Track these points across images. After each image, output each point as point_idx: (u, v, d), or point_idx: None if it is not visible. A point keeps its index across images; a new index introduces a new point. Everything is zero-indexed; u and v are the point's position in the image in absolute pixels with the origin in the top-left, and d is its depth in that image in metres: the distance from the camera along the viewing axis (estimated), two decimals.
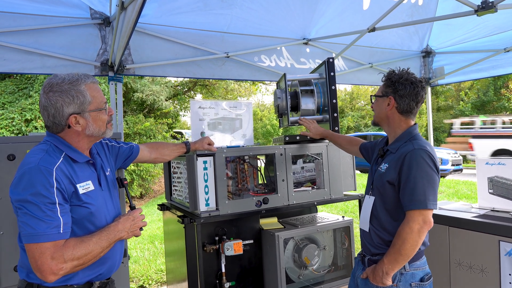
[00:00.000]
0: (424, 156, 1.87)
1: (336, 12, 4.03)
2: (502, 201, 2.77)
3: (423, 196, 1.82)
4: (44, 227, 1.44)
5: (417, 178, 1.84)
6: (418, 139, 1.98)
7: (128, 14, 2.38)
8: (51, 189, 1.47)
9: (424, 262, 1.98)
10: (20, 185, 1.47)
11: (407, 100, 2.00)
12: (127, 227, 1.70)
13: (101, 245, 1.58)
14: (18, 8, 2.98)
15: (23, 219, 1.45)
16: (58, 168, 1.53)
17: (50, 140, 1.63)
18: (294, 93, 2.97)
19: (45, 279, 1.45)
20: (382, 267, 1.90)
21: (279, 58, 4.23)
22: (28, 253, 1.46)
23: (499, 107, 22.45)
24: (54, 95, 1.57)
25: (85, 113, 1.62)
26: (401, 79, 2.01)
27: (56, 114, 1.58)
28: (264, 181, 3.04)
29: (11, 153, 2.26)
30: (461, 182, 11.61)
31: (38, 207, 1.44)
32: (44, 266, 1.43)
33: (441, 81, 5.26)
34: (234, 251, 2.58)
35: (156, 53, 3.61)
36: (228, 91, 19.95)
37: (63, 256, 1.45)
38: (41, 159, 1.51)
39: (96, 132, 1.68)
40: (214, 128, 2.82)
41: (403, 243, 1.83)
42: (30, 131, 10.01)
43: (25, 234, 1.44)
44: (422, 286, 1.93)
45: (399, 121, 2.06)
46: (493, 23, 4.22)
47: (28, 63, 3.10)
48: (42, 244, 1.43)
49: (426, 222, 1.83)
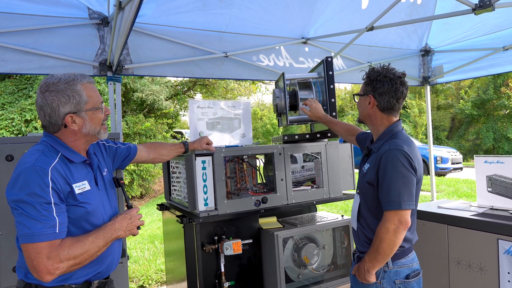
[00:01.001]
0: (399, 156, 1.86)
1: (334, 11, 4.03)
2: (501, 200, 2.77)
3: (398, 197, 1.83)
4: (40, 227, 1.44)
5: (392, 178, 1.85)
6: (397, 137, 1.97)
7: (126, 14, 2.38)
8: (47, 189, 1.47)
9: (411, 259, 1.99)
10: (16, 185, 1.47)
11: (386, 97, 2.00)
12: (124, 226, 1.69)
13: (97, 244, 1.57)
14: (16, 9, 2.98)
15: (19, 219, 1.45)
16: (54, 168, 1.53)
17: (47, 141, 1.63)
18: (293, 92, 2.97)
19: (42, 278, 1.45)
20: (364, 265, 1.95)
21: (278, 57, 4.23)
22: (24, 253, 1.46)
23: (499, 105, 22.43)
24: (50, 95, 1.57)
25: (81, 112, 1.62)
26: (379, 77, 2.00)
27: (52, 113, 1.58)
28: (263, 181, 3.04)
29: (10, 154, 2.26)
30: (461, 181, 11.62)
31: (33, 207, 1.44)
32: (40, 266, 1.43)
33: (440, 79, 5.26)
34: (233, 251, 2.58)
35: (155, 53, 3.61)
36: (228, 90, 19.93)
37: (59, 256, 1.45)
38: (36, 160, 1.52)
39: (93, 131, 1.68)
40: (213, 127, 2.82)
41: (380, 242, 1.86)
42: (30, 132, 10.01)
43: (21, 234, 1.45)
44: (407, 284, 1.94)
45: (381, 119, 2.05)
46: (492, 22, 4.22)
47: (26, 63, 3.10)
48: (38, 244, 1.43)
49: (402, 222, 1.84)
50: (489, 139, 22.57)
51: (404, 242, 1.93)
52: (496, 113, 23.03)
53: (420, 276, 2.00)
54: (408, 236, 1.96)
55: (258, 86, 21.98)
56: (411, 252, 2.01)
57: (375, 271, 1.93)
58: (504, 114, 22.75)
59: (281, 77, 2.93)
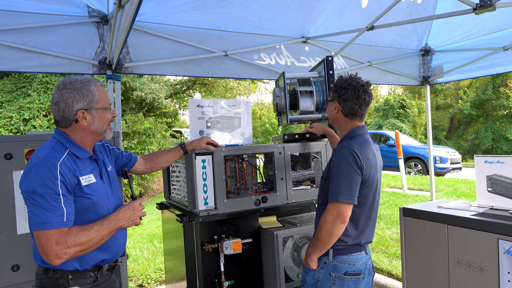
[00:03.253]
0: (346, 153, 2.00)
1: (335, 11, 4.02)
2: (501, 199, 2.76)
3: (337, 190, 1.97)
4: (50, 216, 1.60)
5: (336, 173, 2.01)
6: (354, 139, 2.12)
7: (126, 12, 2.36)
8: (56, 181, 1.62)
9: (354, 259, 2.09)
10: (28, 177, 1.62)
11: (350, 104, 2.14)
12: (127, 216, 1.84)
13: (102, 233, 1.73)
14: (15, 6, 2.97)
15: (31, 209, 1.61)
16: (62, 162, 1.68)
17: (57, 138, 1.79)
18: (293, 91, 2.97)
19: (51, 262, 1.62)
20: (308, 250, 2.13)
21: (279, 56, 4.22)
22: (36, 239, 1.62)
23: (498, 105, 22.46)
24: (67, 92, 1.75)
25: (92, 110, 1.79)
26: (344, 84, 2.15)
27: (66, 108, 1.75)
28: (263, 180, 3.04)
29: (8, 152, 2.25)
30: (460, 181, 11.62)
31: (44, 198, 1.60)
32: (50, 250, 1.59)
33: (440, 79, 5.25)
34: (233, 250, 2.57)
35: (155, 52, 3.60)
36: (227, 89, 19.90)
37: (66, 242, 1.61)
38: (47, 155, 1.67)
39: (100, 129, 1.84)
40: (213, 126, 2.81)
41: (320, 230, 2.02)
42: (29, 130, 9.99)
43: (33, 222, 1.60)
44: (342, 279, 2.05)
45: (345, 123, 2.21)
46: (492, 22, 4.22)
47: (25, 61, 3.08)
48: (47, 231, 1.59)
49: (340, 215, 1.96)
50: (488, 139, 22.62)
51: (346, 237, 2.05)
52: (495, 113, 23.07)
53: (359, 277, 2.07)
54: (351, 233, 2.07)
55: (258, 86, 21.97)
56: (357, 252, 2.11)
57: (315, 257, 2.08)
58: (503, 114, 22.79)
59: (281, 76, 2.93)
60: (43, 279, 1.75)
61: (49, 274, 1.73)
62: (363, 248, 2.13)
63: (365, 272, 2.10)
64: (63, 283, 1.73)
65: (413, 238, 2.95)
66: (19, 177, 2.26)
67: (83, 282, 1.77)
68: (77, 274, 1.76)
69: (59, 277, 1.73)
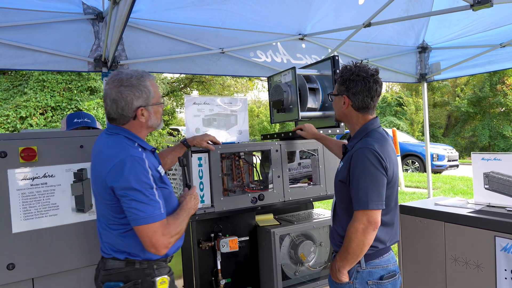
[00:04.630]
0: (369, 155, 1.85)
1: (331, 7, 4.00)
2: (497, 197, 2.76)
3: (366, 196, 1.82)
4: (152, 210, 1.65)
5: (360, 177, 1.84)
6: (371, 136, 1.95)
7: (120, 8, 2.34)
8: (148, 175, 1.68)
9: (386, 260, 1.98)
10: (122, 174, 1.63)
11: (360, 97, 1.97)
12: (193, 204, 1.94)
13: (186, 221, 1.84)
14: (9, 3, 2.93)
15: (131, 205, 1.63)
16: (146, 157, 1.73)
17: (120, 133, 1.80)
18: (302, 87, 2.90)
19: (159, 253, 1.69)
20: (335, 264, 1.96)
21: (275, 53, 4.20)
22: (140, 233, 1.65)
23: (495, 103, 22.51)
24: (125, 89, 1.74)
25: (149, 106, 1.81)
26: (352, 76, 1.97)
27: (125, 106, 1.75)
28: (260, 178, 3.03)
29: (3, 150, 2.22)
30: (457, 178, 11.66)
31: (142, 193, 1.64)
32: (159, 242, 1.65)
33: (437, 76, 5.24)
34: (230, 248, 2.57)
35: (150, 49, 3.57)
36: (224, 87, 19.87)
37: (170, 232, 1.70)
38: (130, 151, 1.71)
39: (155, 124, 1.88)
40: (209, 124, 2.80)
41: (349, 242, 1.86)
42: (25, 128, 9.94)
43: (136, 218, 1.63)
44: (381, 285, 1.92)
45: (356, 118, 2.04)
46: (489, 19, 4.21)
47: (20, 58, 3.05)
48: (153, 224, 1.64)
49: (371, 222, 1.82)
50: (485, 136, 22.67)
51: (377, 242, 1.92)
52: (492, 111, 23.12)
53: (396, 278, 1.98)
54: (382, 237, 1.94)
55: (255, 83, 21.94)
56: (387, 252, 1.99)
57: (346, 271, 1.93)
58: (500, 112, 22.84)
59: (290, 71, 2.86)
60: (128, 272, 1.76)
61: (136, 266, 1.76)
62: (390, 248, 2.03)
63: (398, 271, 2.01)
64: (150, 273, 1.78)
65: (410, 235, 2.94)
66: (13, 176, 2.24)
67: (164, 272, 1.83)
68: (160, 264, 1.83)
69: (146, 267, 1.77)
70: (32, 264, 2.27)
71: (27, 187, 2.27)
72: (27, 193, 2.27)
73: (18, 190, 2.25)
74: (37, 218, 2.30)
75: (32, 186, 2.29)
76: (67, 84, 11.40)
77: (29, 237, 2.27)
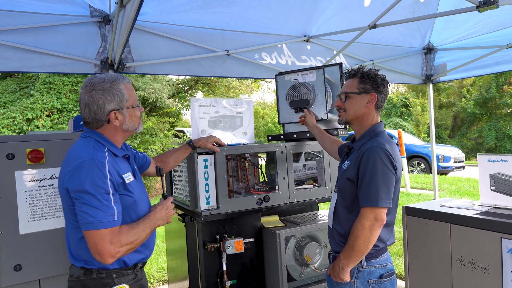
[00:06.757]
0: (381, 154, 1.88)
1: (337, 9, 4.01)
2: (504, 198, 2.74)
3: (376, 193, 1.85)
4: (102, 215, 1.59)
5: (372, 176, 1.87)
6: (380, 136, 1.99)
7: (127, 11, 2.36)
8: (105, 180, 1.63)
9: (385, 259, 2.01)
10: (78, 177, 1.61)
11: (384, 97, 2.07)
12: (163, 215, 1.88)
13: (146, 232, 1.76)
14: (17, 6, 2.97)
15: (82, 209, 1.60)
16: (109, 161, 1.69)
17: (92, 136, 1.77)
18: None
19: (105, 261, 1.61)
20: (339, 263, 1.96)
21: (280, 55, 4.21)
22: (88, 239, 1.60)
23: (502, 104, 22.36)
24: (97, 93, 1.72)
25: (123, 110, 1.78)
26: (377, 76, 2.04)
27: (98, 110, 1.73)
28: (265, 179, 3.03)
29: (11, 152, 2.25)
30: (463, 179, 11.59)
31: (95, 198, 1.59)
32: (104, 250, 1.58)
33: (443, 78, 5.23)
34: (235, 250, 2.57)
35: (156, 51, 3.59)
36: (229, 89, 19.89)
37: (120, 241, 1.62)
38: (93, 154, 1.66)
39: (131, 127, 1.84)
40: (215, 126, 2.81)
41: (356, 239, 1.87)
42: (32, 130, 10.01)
43: (85, 222, 1.59)
44: (381, 283, 1.95)
45: (372, 118, 2.08)
46: (496, 20, 4.19)
47: (27, 61, 3.08)
48: (101, 230, 1.58)
49: (378, 220, 1.85)
50: (491, 137, 22.52)
51: (378, 242, 1.95)
52: (498, 112, 22.96)
53: (393, 277, 2.02)
54: (383, 236, 1.97)
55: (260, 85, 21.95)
56: (385, 252, 2.03)
57: (349, 269, 1.95)
58: (506, 113, 22.68)
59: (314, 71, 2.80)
60: (85, 281, 1.72)
61: (93, 275, 1.72)
62: (387, 248, 2.07)
63: (395, 271, 2.04)
64: (108, 282, 1.73)
65: (415, 237, 2.93)
66: (21, 177, 2.26)
67: (126, 280, 1.79)
68: (120, 272, 1.77)
69: (104, 277, 1.73)
70: (39, 265, 2.29)
71: (34, 188, 2.30)
72: (34, 194, 2.30)
73: (26, 191, 2.28)
74: (44, 219, 2.33)
75: (39, 187, 2.31)
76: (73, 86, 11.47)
77: (36, 238, 2.29)
